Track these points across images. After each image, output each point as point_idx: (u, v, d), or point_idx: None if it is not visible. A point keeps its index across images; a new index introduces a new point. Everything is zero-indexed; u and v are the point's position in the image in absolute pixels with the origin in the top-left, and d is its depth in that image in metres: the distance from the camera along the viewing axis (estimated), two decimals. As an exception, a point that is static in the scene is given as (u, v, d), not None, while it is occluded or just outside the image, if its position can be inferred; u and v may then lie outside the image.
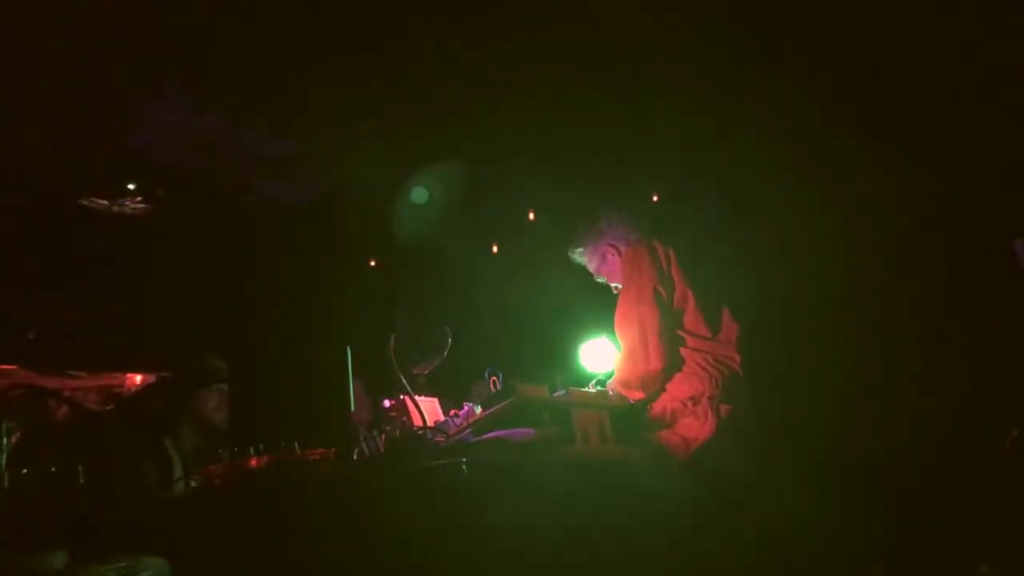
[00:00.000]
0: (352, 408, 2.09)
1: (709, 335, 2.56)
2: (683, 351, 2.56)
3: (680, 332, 2.58)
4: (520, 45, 3.26)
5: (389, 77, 3.40)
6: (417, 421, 2.36)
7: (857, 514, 2.58)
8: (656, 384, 2.54)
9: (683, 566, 2.18)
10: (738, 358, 2.51)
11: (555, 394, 2.38)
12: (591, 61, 3.39)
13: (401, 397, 2.45)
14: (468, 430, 2.19)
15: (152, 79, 3.13)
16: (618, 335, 2.64)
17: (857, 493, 2.63)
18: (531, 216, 4.26)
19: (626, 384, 2.56)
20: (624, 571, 2.07)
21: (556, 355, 3.32)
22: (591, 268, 3.01)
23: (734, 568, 2.24)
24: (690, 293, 2.61)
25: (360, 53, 3.23)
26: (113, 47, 2.91)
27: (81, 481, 1.92)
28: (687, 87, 3.56)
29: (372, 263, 4.52)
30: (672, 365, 2.53)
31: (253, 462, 1.84)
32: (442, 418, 2.47)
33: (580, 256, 3.02)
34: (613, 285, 2.94)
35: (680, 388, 2.52)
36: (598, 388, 2.62)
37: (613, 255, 2.90)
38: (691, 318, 2.59)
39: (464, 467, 1.82)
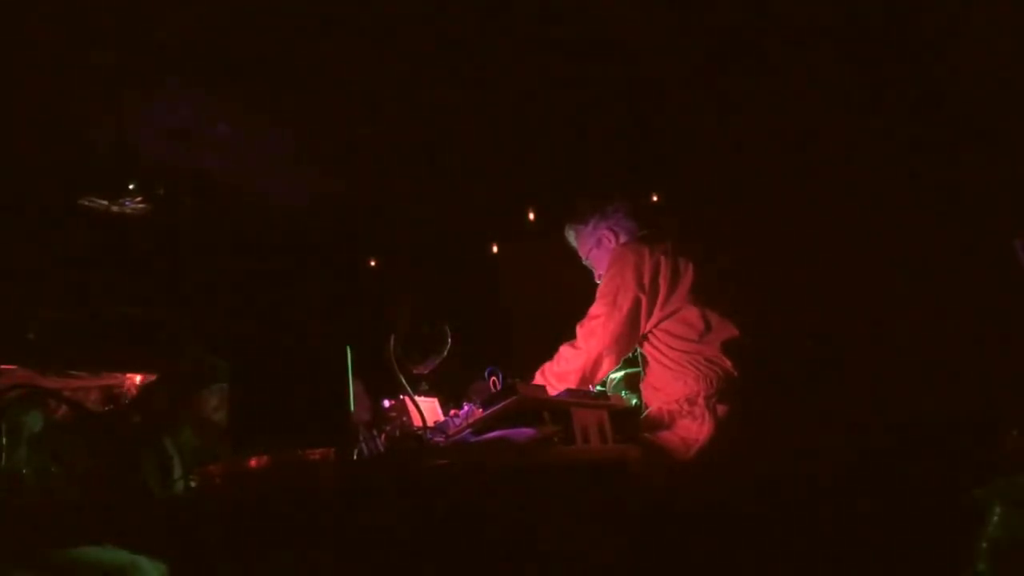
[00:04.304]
0: (352, 408, 2.08)
1: (696, 337, 2.54)
2: (673, 352, 2.55)
3: (668, 334, 2.57)
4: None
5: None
6: (417, 421, 2.37)
7: (856, 513, 2.58)
8: (591, 384, 2.62)
9: (683, 565, 2.18)
10: (728, 361, 2.50)
11: (555, 394, 2.38)
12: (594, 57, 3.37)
13: (401, 397, 2.45)
14: (468, 430, 2.19)
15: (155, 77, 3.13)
16: (582, 330, 2.65)
17: (856, 493, 2.63)
18: (531, 216, 4.26)
19: (564, 378, 2.60)
20: (625, 571, 2.08)
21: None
22: (582, 250, 2.95)
23: (735, 566, 2.25)
24: (678, 294, 2.58)
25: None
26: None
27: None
28: (689, 87, 3.56)
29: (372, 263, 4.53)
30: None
31: (253, 462, 1.84)
32: (442, 418, 2.47)
33: (574, 237, 2.98)
34: (598, 273, 2.91)
35: (675, 389, 2.52)
36: (598, 388, 2.63)
37: (609, 241, 2.86)
38: (679, 319, 2.57)
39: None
